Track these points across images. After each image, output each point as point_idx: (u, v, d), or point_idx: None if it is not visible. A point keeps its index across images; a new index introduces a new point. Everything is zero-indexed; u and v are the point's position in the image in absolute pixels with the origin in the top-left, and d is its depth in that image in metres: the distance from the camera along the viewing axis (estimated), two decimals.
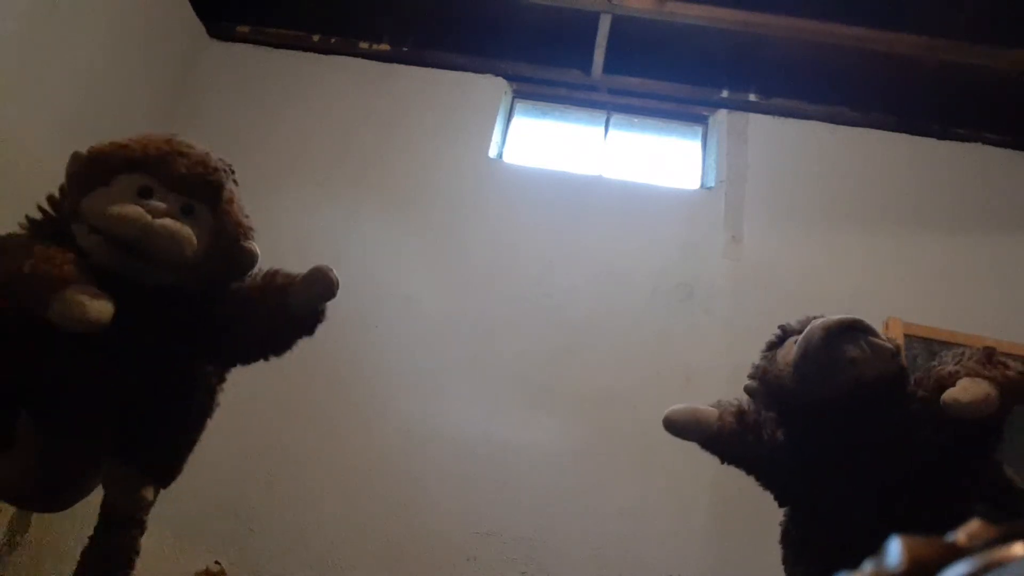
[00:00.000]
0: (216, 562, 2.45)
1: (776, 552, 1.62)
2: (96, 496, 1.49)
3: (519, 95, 3.59)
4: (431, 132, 3.34)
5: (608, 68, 3.40)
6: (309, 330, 1.38)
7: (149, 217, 1.20)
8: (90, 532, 1.53)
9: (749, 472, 1.57)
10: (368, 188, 3.21)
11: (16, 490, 1.53)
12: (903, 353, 1.47)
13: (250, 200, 1.44)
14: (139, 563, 1.55)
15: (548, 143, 3.55)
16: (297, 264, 1.38)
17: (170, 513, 1.46)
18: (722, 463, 1.59)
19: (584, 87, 3.51)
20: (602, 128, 3.54)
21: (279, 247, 3.03)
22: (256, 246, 1.35)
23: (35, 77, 2.55)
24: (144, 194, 1.24)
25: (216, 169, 1.32)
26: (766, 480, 1.56)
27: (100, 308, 1.13)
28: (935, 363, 1.43)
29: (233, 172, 1.41)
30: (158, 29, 3.22)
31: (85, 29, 2.76)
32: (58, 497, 1.52)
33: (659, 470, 2.63)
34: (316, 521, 2.56)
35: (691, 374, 2.80)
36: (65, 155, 1.31)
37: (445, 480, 2.63)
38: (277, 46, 3.53)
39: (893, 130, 3.39)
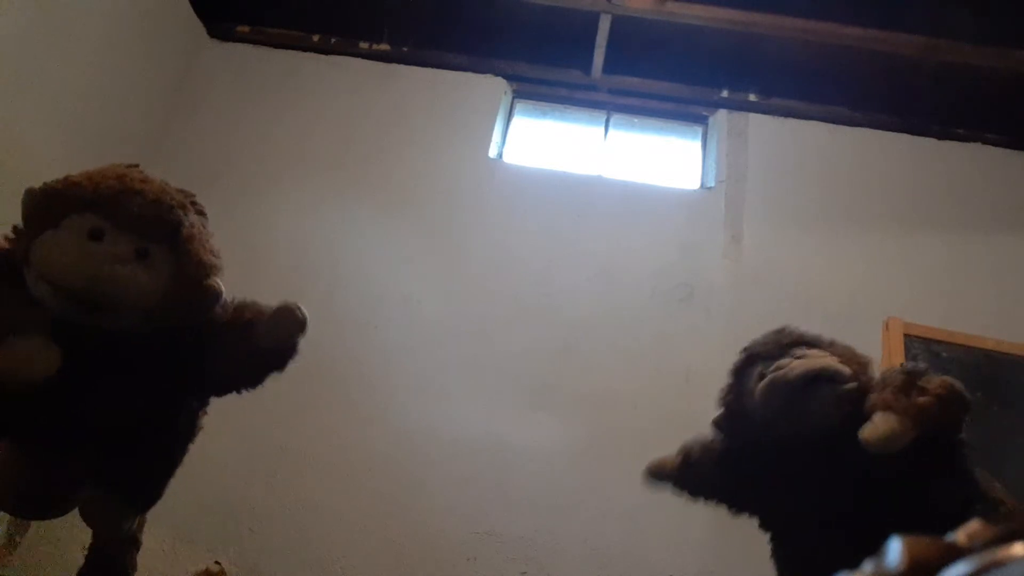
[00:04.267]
0: (216, 562, 2.45)
1: None
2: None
3: (519, 95, 3.59)
4: (431, 132, 3.34)
5: (608, 68, 3.40)
6: (279, 365, 1.33)
7: (96, 266, 1.11)
8: (90, 533, 1.52)
9: (721, 501, 1.55)
10: (368, 188, 3.21)
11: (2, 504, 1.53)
12: (871, 380, 1.44)
13: (250, 200, 1.44)
14: (139, 563, 1.55)
15: (548, 143, 3.54)
16: (297, 263, 1.37)
17: (170, 513, 1.45)
18: (694, 499, 1.57)
19: (584, 87, 3.51)
20: (602, 128, 3.54)
21: (279, 247, 3.05)
22: (219, 283, 1.26)
23: (35, 77, 2.55)
24: (95, 236, 1.15)
25: (171, 207, 1.23)
26: (739, 507, 1.54)
27: (41, 363, 1.07)
28: (880, 380, 1.42)
29: (195, 204, 1.32)
30: (158, 29, 3.22)
31: (85, 29, 2.76)
32: (47, 511, 1.51)
33: None
34: (316, 521, 2.56)
35: (691, 374, 2.80)
36: (66, 155, 1.29)
37: (445, 480, 2.63)
38: (277, 46, 3.53)
39: (893, 130, 3.39)
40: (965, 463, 1.36)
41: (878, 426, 1.26)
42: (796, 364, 1.38)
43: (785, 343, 1.48)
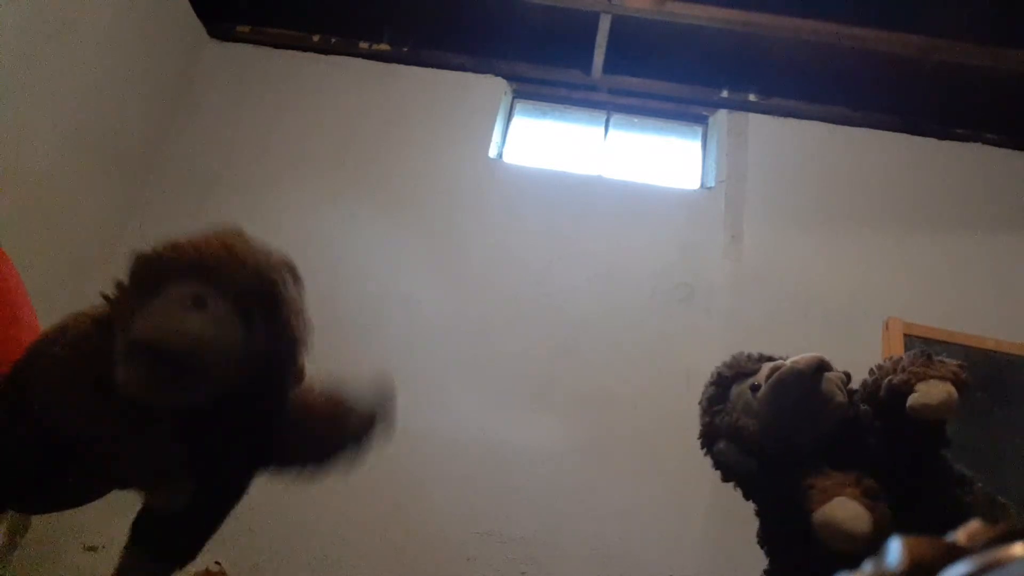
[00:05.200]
0: (216, 562, 2.44)
1: None
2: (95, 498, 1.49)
3: (519, 95, 3.59)
4: (431, 132, 3.34)
5: (608, 68, 3.40)
6: (358, 446, 1.36)
7: (199, 329, 1.10)
8: (90, 533, 1.52)
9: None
10: (368, 188, 3.21)
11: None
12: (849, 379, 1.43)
13: (250, 200, 1.43)
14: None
15: (548, 143, 3.54)
16: (297, 264, 1.35)
17: None
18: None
19: (584, 87, 3.51)
20: (602, 128, 3.54)
21: (279, 247, 3.05)
22: (304, 365, 1.27)
23: (35, 77, 2.55)
24: (199, 304, 1.13)
25: (273, 278, 1.22)
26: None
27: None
28: (874, 375, 1.42)
29: (294, 272, 1.32)
30: (158, 29, 3.22)
31: (85, 29, 2.76)
32: (59, 510, 1.51)
33: (659, 470, 2.63)
34: (316, 521, 2.56)
35: (691, 374, 2.78)
36: (66, 155, 1.27)
37: (445, 480, 2.63)
38: (277, 46, 3.53)
39: (893, 130, 3.39)
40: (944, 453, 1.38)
41: (931, 393, 1.25)
42: (798, 358, 1.37)
43: (754, 359, 1.48)
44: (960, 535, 0.36)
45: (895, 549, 0.36)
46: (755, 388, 1.41)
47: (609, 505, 2.60)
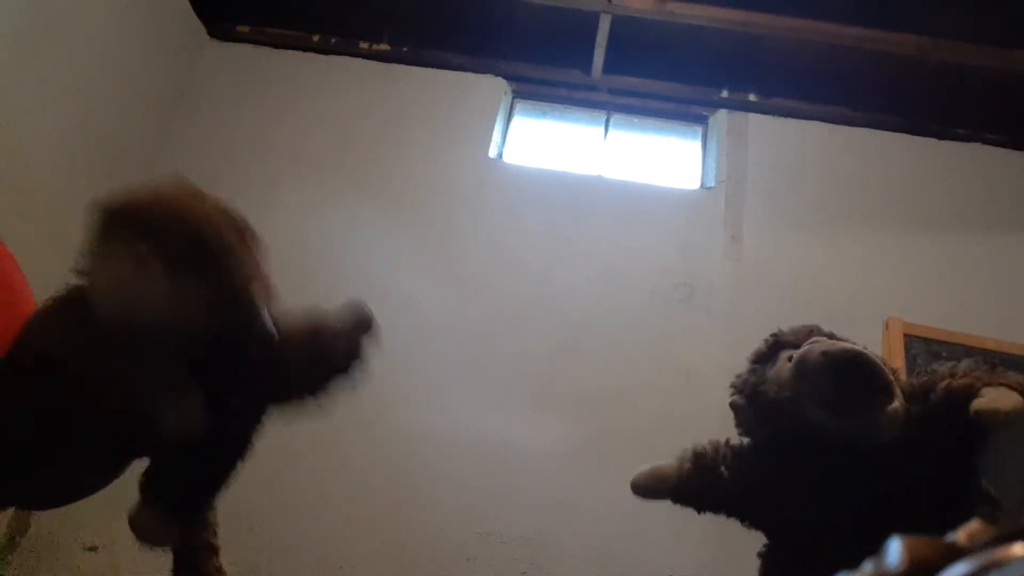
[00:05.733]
0: None
1: None
2: (95, 494, 1.49)
3: (519, 95, 3.59)
4: (431, 132, 3.34)
5: (608, 68, 3.40)
6: (345, 368, 1.36)
7: (132, 286, 1.17)
8: (90, 533, 1.53)
9: (728, 514, 1.49)
10: (368, 188, 3.21)
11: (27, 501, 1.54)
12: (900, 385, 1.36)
13: (250, 200, 1.43)
14: (138, 563, 1.55)
15: (548, 143, 3.54)
16: (295, 264, 1.35)
17: None
18: (699, 513, 1.55)
19: (584, 87, 3.51)
20: (602, 128, 3.54)
21: (279, 247, 3.04)
22: (270, 325, 1.26)
23: (35, 77, 2.55)
24: (141, 261, 1.19)
25: (216, 231, 1.24)
26: (744, 516, 1.48)
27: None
28: (925, 377, 1.38)
29: (245, 228, 1.34)
30: (158, 29, 3.22)
31: (85, 29, 2.76)
32: (61, 504, 1.52)
33: None
34: (316, 521, 2.56)
35: (691, 374, 2.80)
36: (66, 155, 1.29)
37: (445, 480, 2.63)
38: (277, 46, 3.53)
39: (893, 130, 3.39)
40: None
41: (1002, 400, 1.21)
42: (831, 343, 1.33)
43: (817, 333, 1.45)
44: (960, 535, 0.36)
45: (895, 549, 0.36)
46: (791, 360, 1.39)
47: (609, 505, 2.60)
